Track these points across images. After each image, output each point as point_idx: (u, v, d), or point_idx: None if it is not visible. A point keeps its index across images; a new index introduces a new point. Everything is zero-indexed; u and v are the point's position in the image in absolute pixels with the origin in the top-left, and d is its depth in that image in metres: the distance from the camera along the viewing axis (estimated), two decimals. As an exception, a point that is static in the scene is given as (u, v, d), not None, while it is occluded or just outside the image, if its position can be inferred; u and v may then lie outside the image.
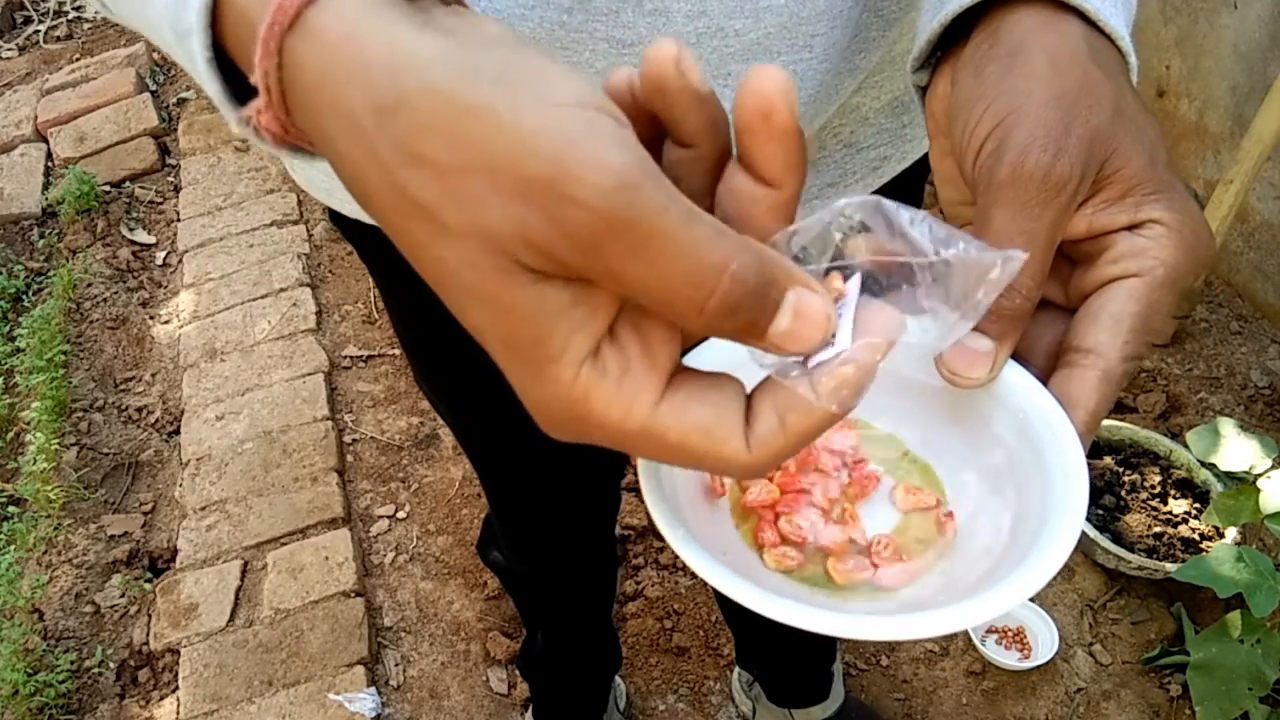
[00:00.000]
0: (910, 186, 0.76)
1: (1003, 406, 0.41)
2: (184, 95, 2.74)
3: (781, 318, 0.29)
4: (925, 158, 0.73)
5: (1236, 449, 1.39)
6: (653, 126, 0.32)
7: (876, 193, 0.71)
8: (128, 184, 2.50)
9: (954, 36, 0.43)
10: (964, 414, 0.43)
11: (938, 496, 0.42)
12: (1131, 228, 0.38)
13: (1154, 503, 1.61)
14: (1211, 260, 0.39)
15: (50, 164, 2.56)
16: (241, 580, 1.69)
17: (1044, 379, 0.40)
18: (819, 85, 0.56)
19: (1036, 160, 0.37)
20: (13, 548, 1.79)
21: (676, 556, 1.77)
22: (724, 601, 1.38)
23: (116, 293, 2.22)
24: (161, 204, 2.46)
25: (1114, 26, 0.40)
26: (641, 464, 0.38)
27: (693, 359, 0.39)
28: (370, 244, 0.73)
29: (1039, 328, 0.41)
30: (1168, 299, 0.38)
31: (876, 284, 0.32)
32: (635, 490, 1.76)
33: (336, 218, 0.70)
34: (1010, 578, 0.35)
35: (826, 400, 0.30)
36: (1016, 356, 0.40)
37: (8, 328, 2.19)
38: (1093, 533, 1.54)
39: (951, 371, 0.39)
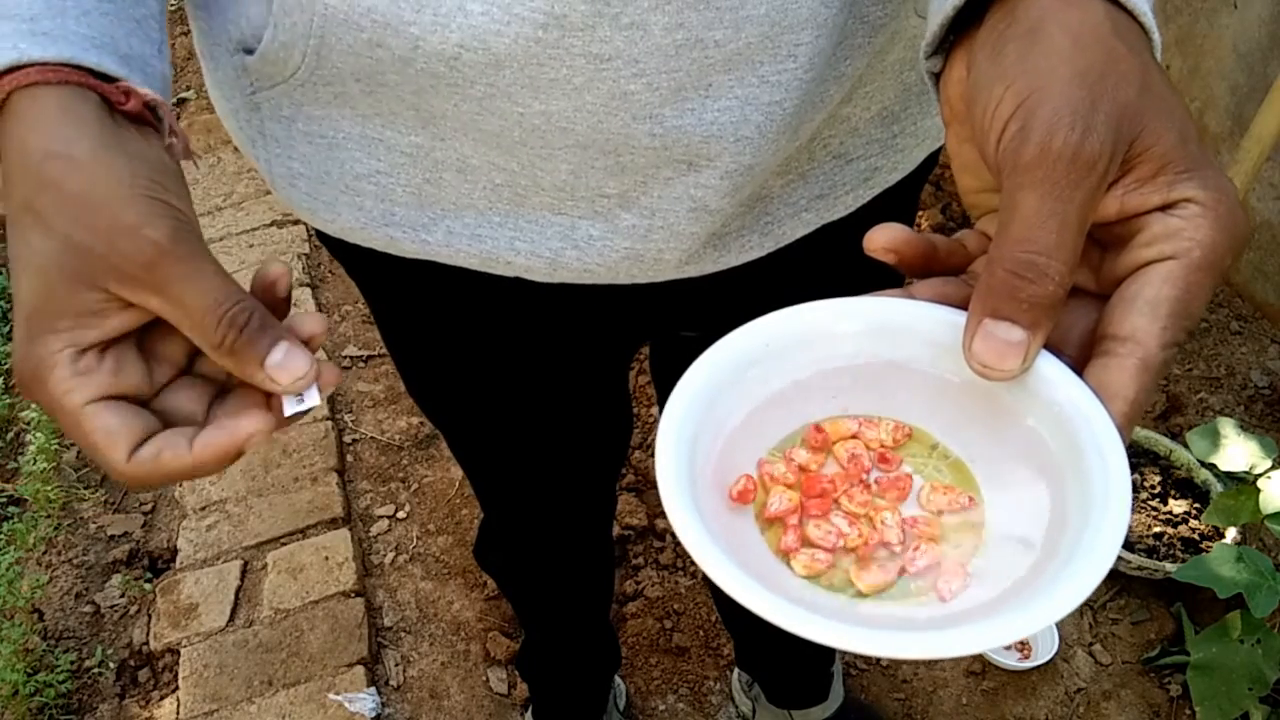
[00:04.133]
0: (904, 199, 0.75)
1: (1036, 399, 0.39)
2: (184, 95, 2.74)
3: (276, 351, 0.42)
4: (918, 170, 0.72)
5: (1236, 449, 1.39)
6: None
7: (868, 205, 0.70)
8: (128, 184, 2.50)
9: (967, 20, 0.41)
10: (995, 409, 0.41)
11: (970, 495, 0.40)
12: (1165, 208, 0.36)
13: (1154, 503, 1.61)
14: (1248, 239, 0.37)
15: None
16: (241, 580, 1.69)
17: (1078, 369, 0.38)
18: (804, 95, 0.55)
19: (1064, 139, 0.35)
20: (13, 548, 1.79)
21: (676, 556, 1.77)
22: (723, 603, 1.37)
23: (117, 293, 2.22)
24: (162, 204, 2.46)
25: (1136, 2, 0.39)
26: (664, 472, 0.37)
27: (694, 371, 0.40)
28: (355, 261, 0.72)
29: (1069, 316, 0.39)
30: (1206, 281, 0.36)
31: None
32: (634, 490, 1.76)
33: (322, 235, 0.70)
34: (1053, 586, 0.34)
35: (194, 453, 0.42)
36: (1048, 347, 0.38)
37: (8, 328, 2.19)
38: (1093, 533, 1.54)
39: (982, 364, 0.37)
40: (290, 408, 0.43)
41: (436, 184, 0.60)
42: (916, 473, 0.41)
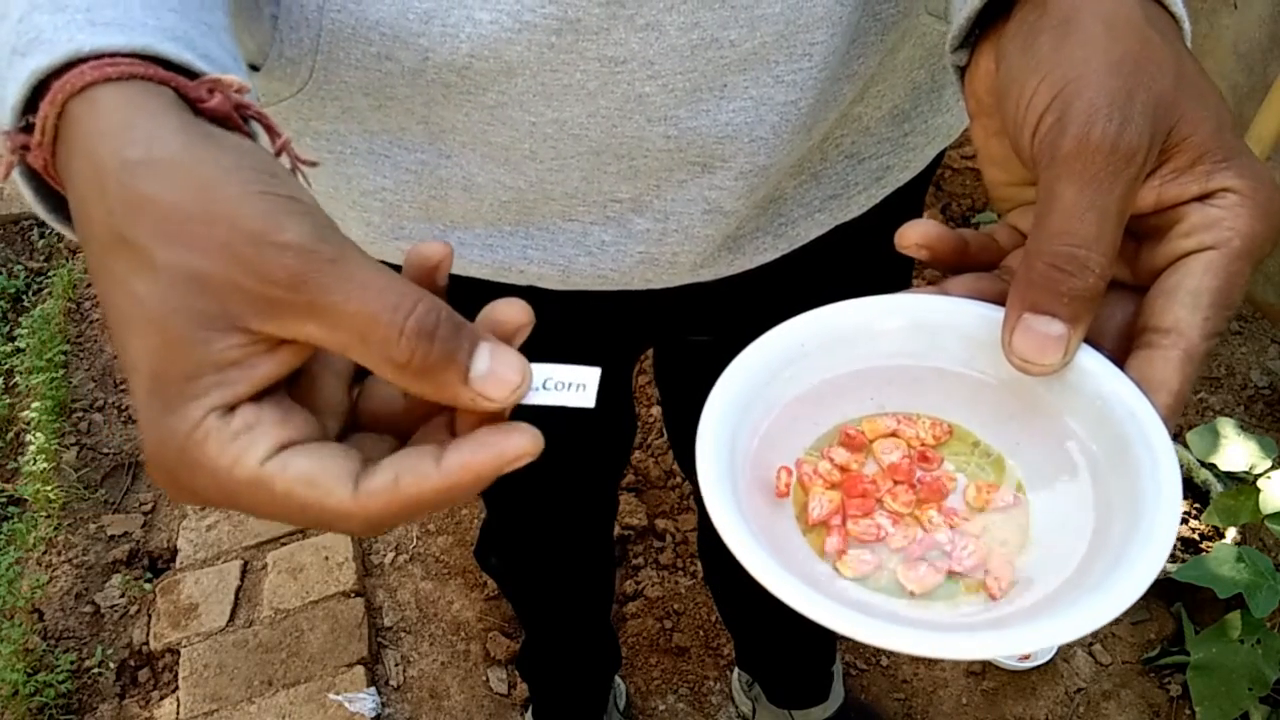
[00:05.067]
0: (912, 197, 0.74)
1: (1078, 394, 0.38)
2: (184, 95, 2.74)
3: (480, 359, 0.32)
4: (925, 169, 0.72)
5: (1236, 449, 1.39)
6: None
7: (877, 205, 0.70)
8: (128, 184, 2.50)
9: (992, 14, 0.41)
10: (1034, 404, 0.40)
11: (1015, 494, 0.39)
12: (1203, 198, 0.36)
13: (1154, 503, 1.61)
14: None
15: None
16: (241, 580, 1.69)
17: (1118, 361, 0.37)
18: (819, 94, 0.55)
19: (1103, 130, 0.35)
20: (13, 548, 1.79)
21: (676, 556, 1.77)
22: (724, 603, 1.38)
23: (116, 293, 2.22)
24: (161, 204, 2.46)
25: None
26: (708, 478, 0.36)
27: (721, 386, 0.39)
28: None
29: (1106, 308, 0.39)
30: (1246, 271, 0.36)
31: None
32: (634, 490, 1.76)
33: None
34: (1110, 582, 0.33)
35: (444, 474, 0.32)
36: (1086, 340, 0.38)
37: (8, 328, 2.19)
38: (1093, 533, 1.54)
39: (1022, 359, 0.37)
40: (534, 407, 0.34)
41: (443, 200, 0.60)
42: (959, 470, 0.41)
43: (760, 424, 0.41)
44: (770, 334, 0.42)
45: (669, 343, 0.93)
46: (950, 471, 0.41)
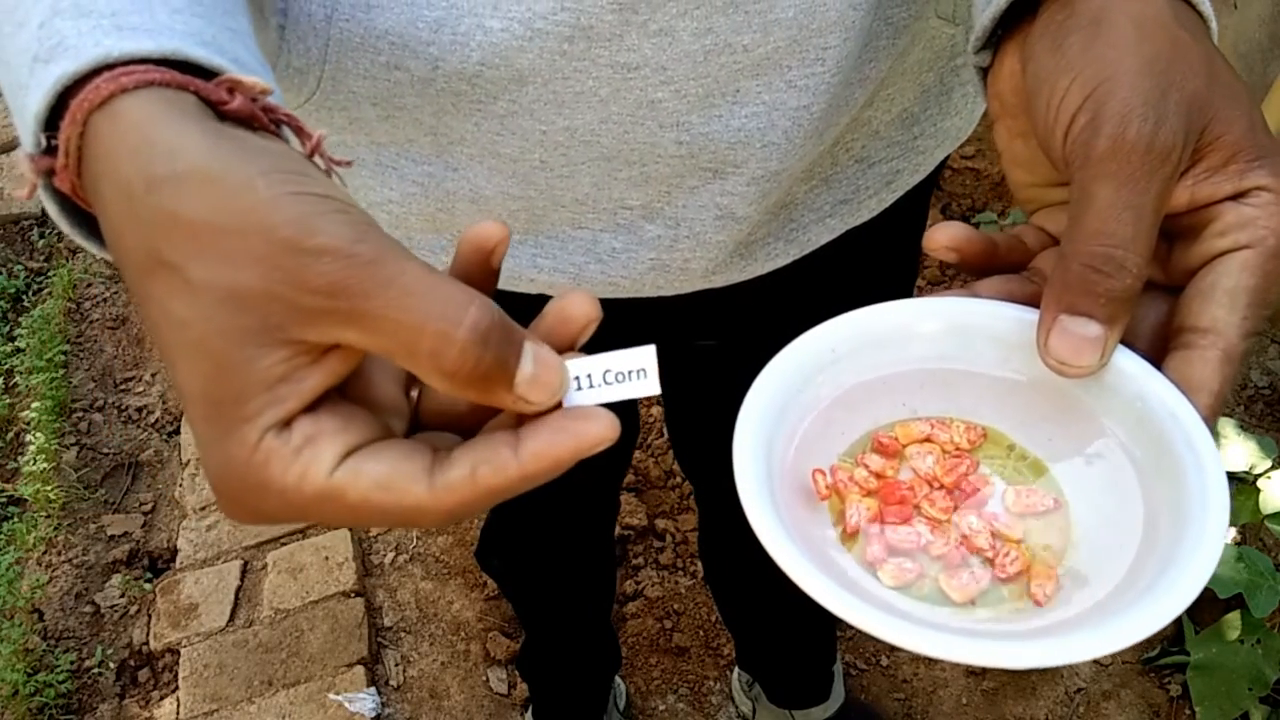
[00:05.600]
0: (919, 200, 0.74)
1: (1116, 395, 0.38)
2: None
3: (525, 362, 0.31)
4: (933, 171, 0.72)
5: (1236, 449, 1.39)
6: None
7: (887, 209, 0.69)
8: (127, 184, 2.50)
9: (1015, 14, 0.41)
10: (1069, 406, 0.40)
11: (1055, 497, 0.39)
12: (1236, 197, 0.36)
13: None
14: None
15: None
16: (241, 580, 1.69)
17: (1154, 362, 0.37)
18: (831, 99, 0.55)
19: (1138, 130, 0.34)
20: (13, 548, 1.79)
21: (676, 556, 1.76)
22: (724, 603, 1.38)
23: (116, 293, 2.22)
24: (161, 204, 2.46)
25: None
26: (745, 485, 0.36)
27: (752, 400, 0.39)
28: None
29: (1140, 308, 0.38)
30: None
31: None
32: (634, 490, 1.76)
33: None
34: (1164, 586, 0.33)
35: (523, 463, 0.31)
36: (1120, 341, 0.37)
37: (8, 328, 2.19)
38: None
39: (1059, 361, 0.36)
40: (583, 400, 0.33)
41: (450, 213, 0.59)
42: (995, 474, 0.40)
43: (795, 431, 0.41)
44: (800, 339, 0.41)
45: (674, 346, 0.93)
46: (986, 475, 0.40)
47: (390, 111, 0.53)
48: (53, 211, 0.34)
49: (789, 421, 0.40)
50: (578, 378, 0.34)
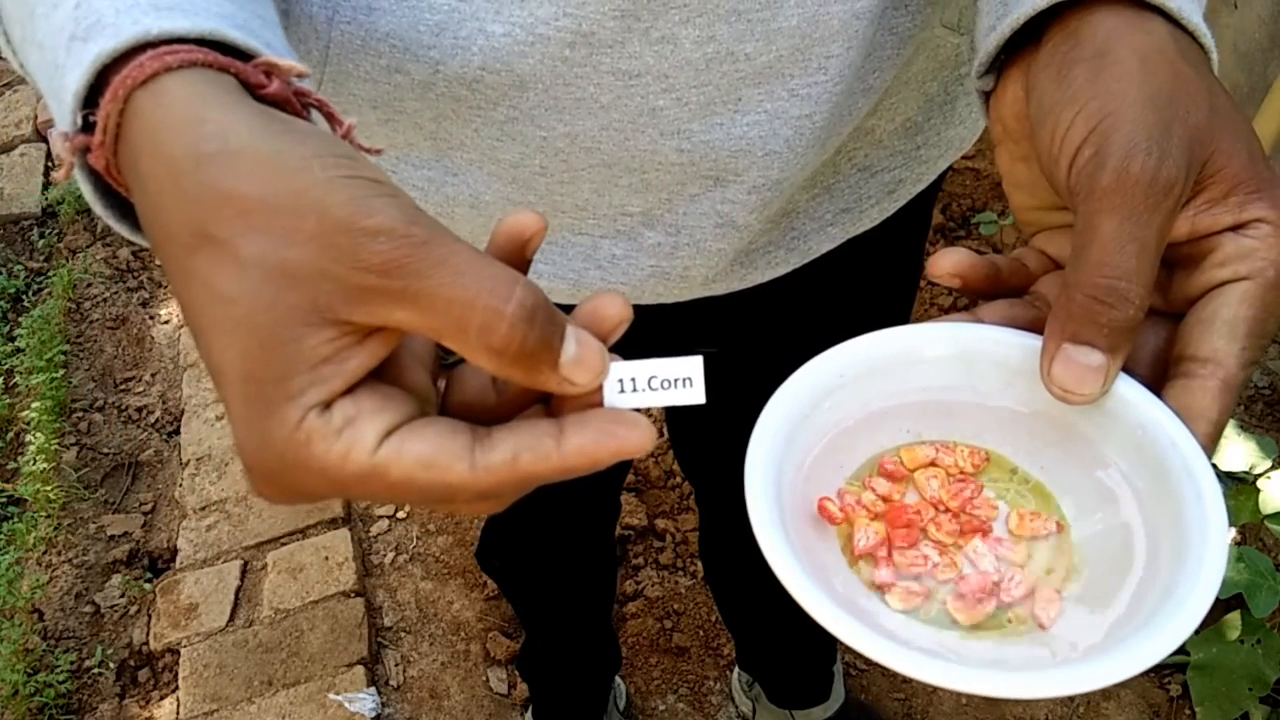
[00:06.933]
0: (921, 208, 0.74)
1: (1117, 422, 0.39)
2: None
3: (569, 343, 0.31)
4: (936, 180, 0.71)
5: (1236, 449, 1.39)
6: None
7: (890, 220, 0.69)
8: (127, 184, 2.50)
9: (1019, 40, 0.41)
10: (1071, 433, 0.41)
11: (1058, 520, 0.40)
12: (1236, 228, 0.37)
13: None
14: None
15: (50, 164, 2.56)
16: (241, 580, 1.69)
17: (1154, 389, 0.38)
18: (834, 108, 0.55)
19: (1142, 164, 0.35)
20: (13, 548, 1.79)
21: (676, 556, 1.76)
22: (724, 603, 1.38)
23: (116, 293, 2.22)
24: (161, 204, 2.46)
25: (1197, 23, 0.39)
26: (757, 510, 0.36)
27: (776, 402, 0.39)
28: None
29: (1141, 335, 0.39)
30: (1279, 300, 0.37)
31: None
32: (634, 490, 1.76)
33: None
34: (1167, 612, 0.34)
35: (564, 456, 0.32)
36: (1123, 367, 0.38)
37: (8, 328, 2.19)
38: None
39: (1062, 388, 0.37)
40: (625, 402, 0.33)
41: (450, 218, 0.59)
42: (999, 498, 0.41)
43: (804, 456, 0.41)
44: (810, 365, 0.42)
45: (674, 353, 0.93)
46: (991, 499, 0.41)
47: (390, 115, 0.53)
48: (87, 192, 0.35)
49: (798, 446, 0.41)
50: (620, 380, 0.34)
